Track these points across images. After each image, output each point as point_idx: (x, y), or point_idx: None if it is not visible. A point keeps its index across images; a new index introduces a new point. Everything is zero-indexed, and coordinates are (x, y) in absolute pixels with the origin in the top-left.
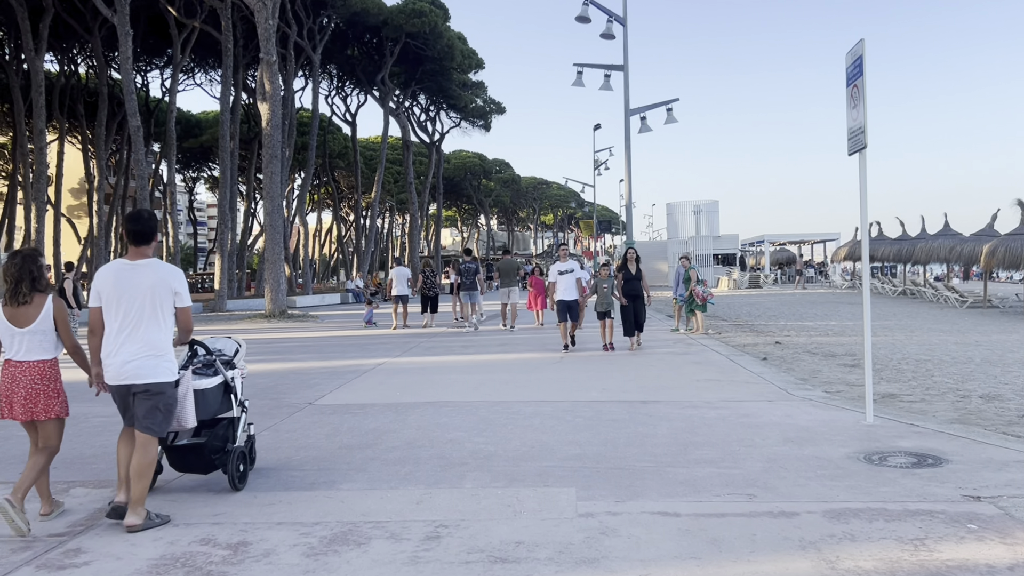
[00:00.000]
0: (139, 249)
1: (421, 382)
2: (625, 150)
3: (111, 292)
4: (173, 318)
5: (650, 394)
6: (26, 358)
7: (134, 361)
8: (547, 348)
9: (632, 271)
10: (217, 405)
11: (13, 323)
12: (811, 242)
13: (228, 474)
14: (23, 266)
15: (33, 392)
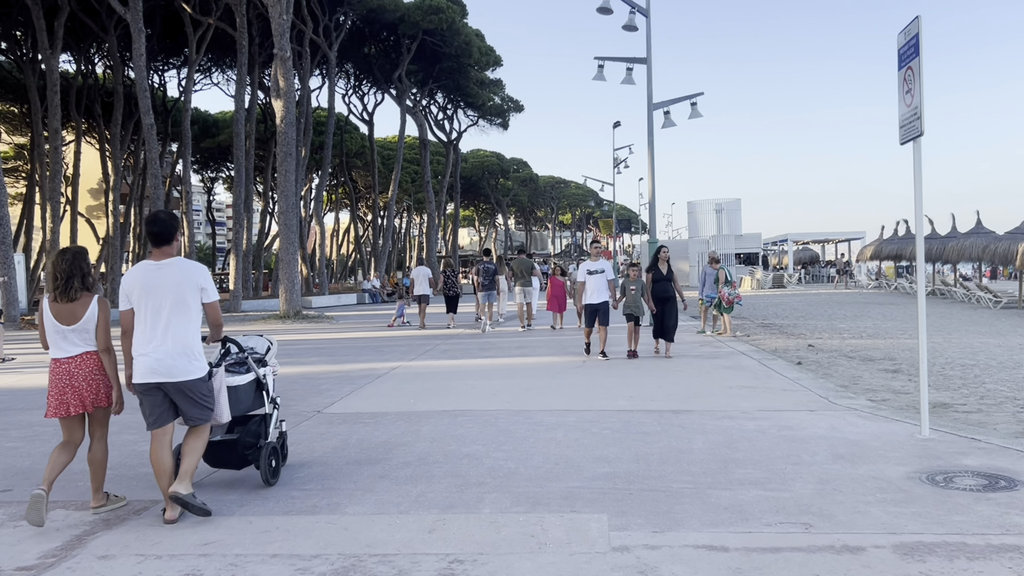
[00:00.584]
0: (162, 249)
1: (437, 388)
2: (648, 145)
3: (140, 293)
4: (201, 314)
5: (681, 403)
6: (78, 352)
7: (166, 359)
8: (568, 351)
9: (663, 271)
10: (249, 402)
11: (59, 320)
12: (835, 241)
13: (260, 469)
14: (74, 263)
15: (91, 384)
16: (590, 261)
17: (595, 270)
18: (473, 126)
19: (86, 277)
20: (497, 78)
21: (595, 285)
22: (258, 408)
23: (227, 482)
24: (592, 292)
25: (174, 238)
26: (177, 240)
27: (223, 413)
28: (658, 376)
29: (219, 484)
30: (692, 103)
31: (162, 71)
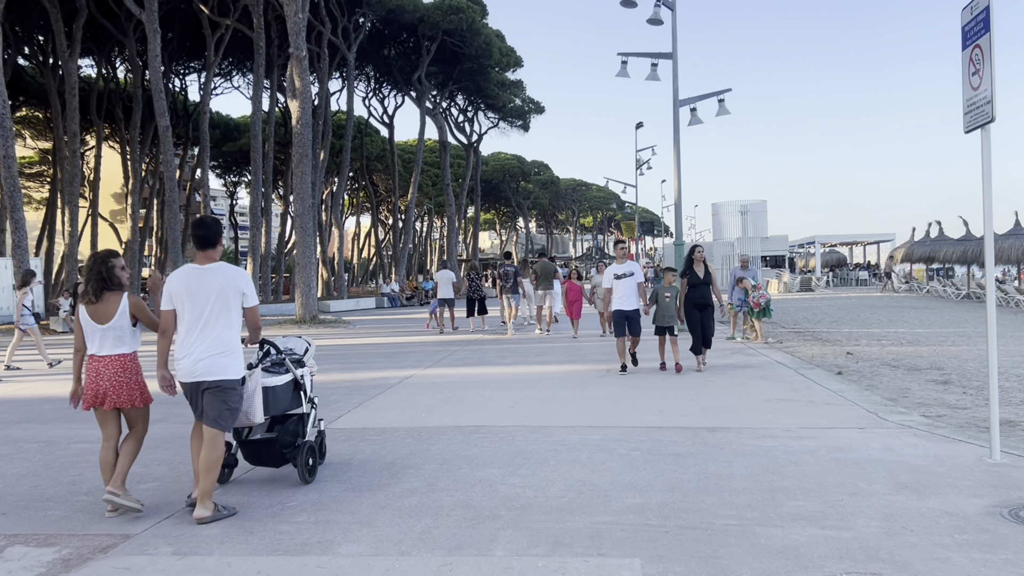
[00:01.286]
0: (206, 253)
1: (451, 400)
2: (674, 143)
3: (183, 295)
4: (241, 318)
5: (716, 418)
6: (108, 352)
7: (205, 359)
8: (590, 359)
9: (700, 274)
10: (287, 402)
11: (94, 319)
12: (863, 243)
13: (298, 467)
14: (93, 267)
15: (117, 384)
16: (616, 264)
17: (622, 274)
18: (493, 128)
19: (106, 280)
20: (518, 79)
21: (624, 290)
22: (296, 408)
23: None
24: (621, 298)
25: (218, 242)
26: (221, 244)
27: (256, 413)
28: (688, 388)
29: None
30: (720, 99)
31: (183, 75)
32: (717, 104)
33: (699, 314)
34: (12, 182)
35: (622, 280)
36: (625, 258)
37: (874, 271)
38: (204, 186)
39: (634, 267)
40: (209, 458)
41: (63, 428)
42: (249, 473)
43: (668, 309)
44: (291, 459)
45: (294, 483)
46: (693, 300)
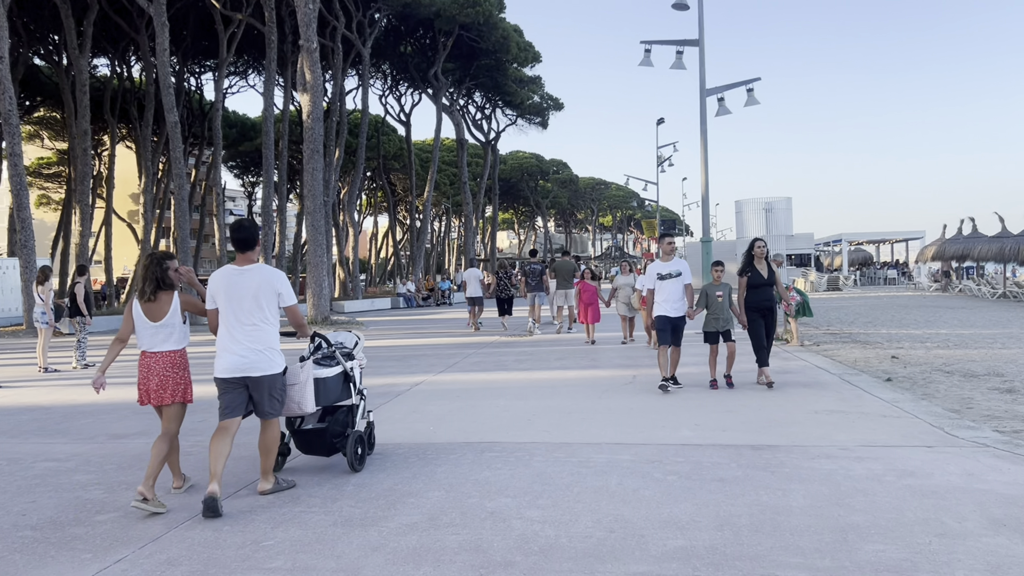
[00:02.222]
0: (245, 255)
1: (462, 410)
2: (701, 135)
3: (223, 295)
4: (278, 316)
5: (760, 434)
6: (159, 349)
7: (246, 356)
8: (613, 365)
9: (763, 273)
10: (337, 393)
11: (148, 317)
12: (891, 241)
13: (347, 456)
14: (150, 267)
15: (163, 379)
16: (659, 262)
17: (668, 273)
18: (511, 126)
19: (161, 280)
20: (536, 75)
21: (669, 292)
22: (345, 399)
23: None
24: (667, 302)
25: (256, 244)
26: (259, 246)
27: (308, 403)
28: (725, 398)
29: None
30: (748, 88)
31: (198, 74)
32: (745, 94)
33: (762, 321)
34: (19, 180)
35: (668, 281)
36: (671, 254)
37: (903, 270)
38: (217, 184)
39: (681, 265)
40: (267, 441)
41: (34, 444)
42: (224, 501)
43: (721, 310)
44: (341, 448)
45: (276, 517)
46: (755, 303)
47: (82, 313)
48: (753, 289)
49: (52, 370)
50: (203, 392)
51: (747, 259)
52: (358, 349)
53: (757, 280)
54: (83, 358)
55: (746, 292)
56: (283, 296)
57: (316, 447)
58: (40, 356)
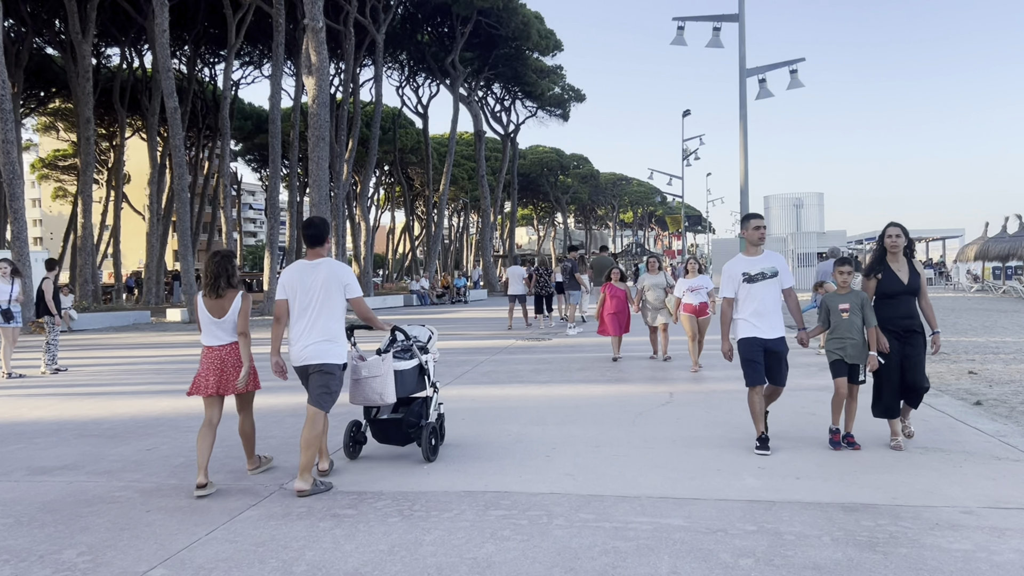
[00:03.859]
0: (315, 250)
1: (466, 440)
2: (740, 118)
3: (294, 287)
4: (344, 309)
5: (846, 483)
6: (227, 342)
7: (312, 345)
8: (644, 378)
9: (901, 276)
10: (413, 385)
11: (211, 313)
12: (927, 239)
13: (422, 446)
14: (221, 264)
15: (239, 369)
16: (743, 257)
17: (760, 273)
18: (531, 118)
19: (231, 277)
20: (557, 64)
21: (763, 301)
22: (420, 391)
23: None
24: (759, 316)
25: (326, 240)
26: (328, 242)
27: (389, 394)
28: (784, 424)
29: None
30: (792, 70)
31: (212, 64)
32: (789, 76)
33: (899, 346)
34: (12, 168)
35: (759, 284)
36: (761, 243)
37: (939, 269)
38: (225, 175)
39: (778, 261)
40: (309, 436)
41: None
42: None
43: (851, 333)
44: (415, 438)
45: None
46: (888, 321)
47: (50, 312)
48: (887, 300)
49: (17, 375)
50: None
51: (878, 253)
52: (431, 343)
53: (892, 286)
54: (53, 362)
55: (875, 303)
56: (349, 287)
57: (392, 437)
58: (3, 360)
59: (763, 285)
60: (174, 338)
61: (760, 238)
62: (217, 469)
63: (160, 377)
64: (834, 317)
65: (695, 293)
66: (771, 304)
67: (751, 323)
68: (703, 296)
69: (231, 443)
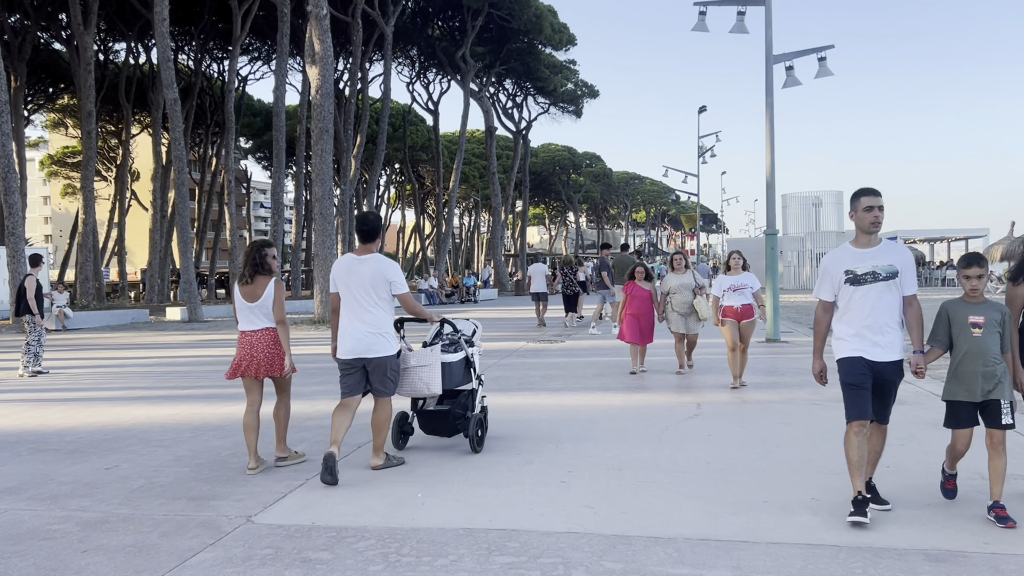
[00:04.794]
0: (366, 245)
1: (469, 461)
2: (766, 108)
3: (344, 281)
4: (392, 303)
5: (925, 521)
6: (257, 327)
7: (363, 339)
8: (666, 385)
9: None
10: (459, 377)
11: (245, 299)
12: (949, 239)
13: (469, 438)
14: (250, 253)
15: (269, 355)
16: (851, 248)
17: (872, 272)
18: (544, 114)
19: (259, 265)
20: (570, 59)
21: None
22: (466, 383)
23: None
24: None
25: (377, 236)
26: (379, 238)
27: (437, 385)
28: (836, 436)
29: None
30: (820, 58)
31: (220, 59)
32: (817, 63)
33: None
34: (5, 162)
35: (867, 288)
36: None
37: None
38: (229, 170)
39: (898, 256)
40: (379, 419)
41: None
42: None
43: (983, 357)
44: (462, 429)
45: None
46: None
47: (31, 311)
48: None
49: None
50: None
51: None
52: (476, 336)
53: None
54: (34, 363)
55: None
56: (394, 284)
57: (439, 428)
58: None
59: (873, 289)
60: (170, 338)
61: (873, 223)
62: (179, 495)
63: (145, 381)
64: (959, 335)
65: (738, 293)
66: (885, 315)
67: (857, 339)
68: (747, 297)
69: (200, 462)
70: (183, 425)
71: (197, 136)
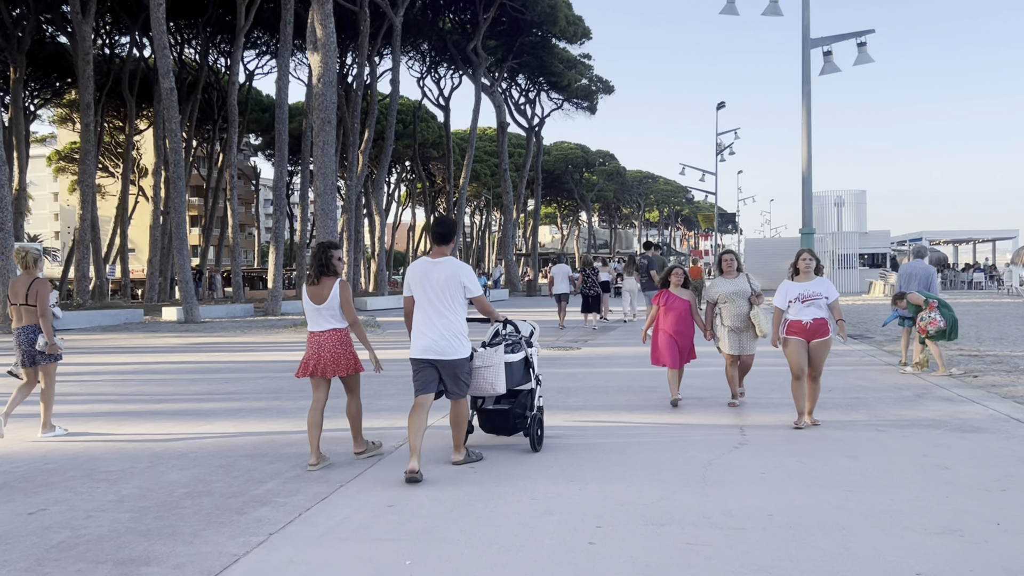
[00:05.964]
0: (440, 248)
1: (470, 512)
2: (803, 95)
3: (418, 284)
4: (465, 305)
5: None
6: (325, 328)
7: (438, 341)
8: (702, 406)
9: None
10: (519, 377)
11: (312, 300)
12: (976, 241)
13: (529, 436)
14: (316, 254)
15: (335, 355)
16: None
17: None
18: (557, 110)
19: (324, 266)
20: (585, 53)
21: None
22: (526, 383)
23: None
24: None
25: (453, 239)
26: (455, 241)
27: (500, 385)
28: (907, 478)
29: None
30: (859, 43)
31: (227, 54)
32: (856, 49)
33: None
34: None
35: None
36: None
37: (990, 273)
38: (232, 166)
39: None
40: (458, 416)
41: None
42: None
43: None
44: (521, 428)
45: None
46: None
47: None
48: None
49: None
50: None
51: None
52: (534, 338)
53: None
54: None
55: None
56: (468, 288)
57: (499, 427)
58: None
59: None
60: (160, 341)
61: None
62: (106, 555)
63: (116, 391)
64: None
65: (810, 304)
66: None
67: None
68: (822, 309)
69: (146, 504)
70: (140, 452)
71: (205, 132)
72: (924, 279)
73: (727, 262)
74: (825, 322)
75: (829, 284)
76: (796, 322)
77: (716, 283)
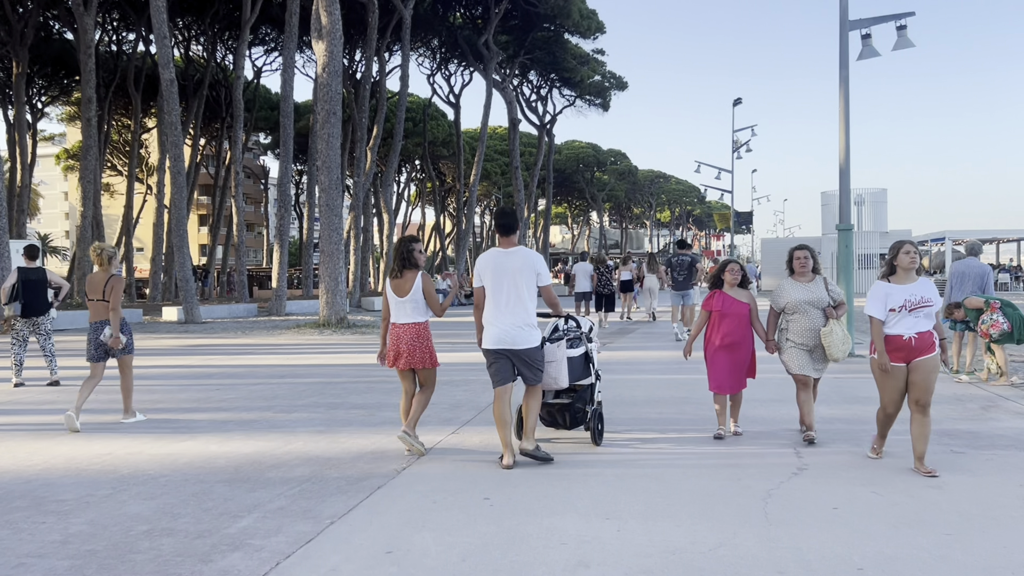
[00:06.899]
0: (508, 239)
1: (490, 558)
2: (840, 81)
3: (490, 274)
4: (535, 294)
5: None
6: (406, 320)
7: (511, 331)
8: (745, 417)
9: None
10: (580, 372)
11: (395, 293)
12: (1000, 240)
13: (591, 430)
14: (399, 248)
15: (411, 347)
16: None
17: None
18: (569, 107)
19: (406, 260)
20: (598, 49)
21: None
22: (586, 378)
23: None
24: None
25: (517, 229)
26: (517, 231)
27: (563, 379)
28: (1007, 516)
29: None
30: (899, 26)
31: (235, 49)
32: (896, 33)
33: None
34: None
35: None
36: None
37: (1016, 273)
38: (236, 163)
39: None
40: (529, 403)
41: None
42: None
43: None
44: (582, 423)
45: None
46: None
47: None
48: None
49: None
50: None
51: None
52: (594, 333)
53: None
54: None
55: None
56: (540, 276)
57: (560, 421)
58: None
59: None
60: (156, 343)
61: None
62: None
63: (96, 397)
64: None
65: (917, 315)
66: None
67: None
68: (930, 319)
69: (93, 548)
70: (104, 475)
71: (213, 130)
72: (979, 278)
73: (800, 261)
74: (931, 336)
75: (933, 287)
76: (896, 337)
77: (785, 287)
